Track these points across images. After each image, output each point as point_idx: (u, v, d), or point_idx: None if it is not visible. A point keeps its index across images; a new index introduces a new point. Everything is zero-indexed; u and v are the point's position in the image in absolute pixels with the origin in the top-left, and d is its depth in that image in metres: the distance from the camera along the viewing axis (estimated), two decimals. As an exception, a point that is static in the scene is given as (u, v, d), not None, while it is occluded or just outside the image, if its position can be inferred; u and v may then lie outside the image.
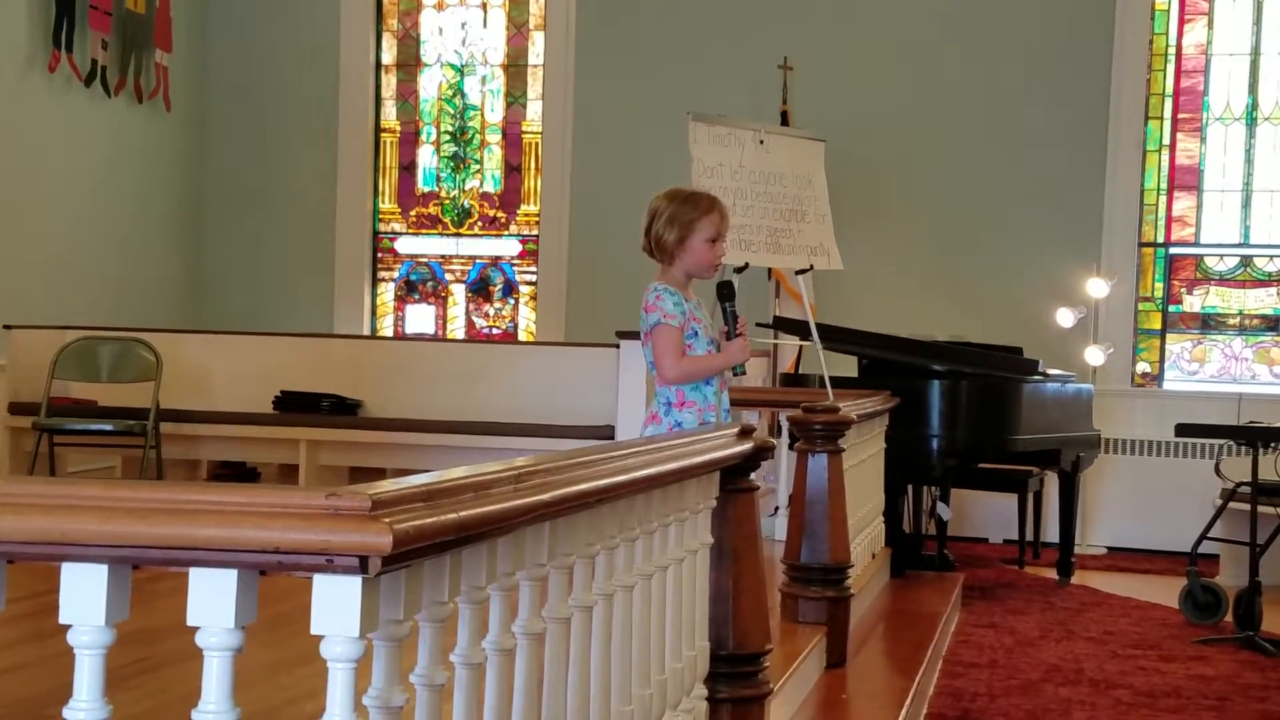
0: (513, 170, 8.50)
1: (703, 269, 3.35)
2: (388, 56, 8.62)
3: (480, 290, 8.56)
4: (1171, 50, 7.71)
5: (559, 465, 1.78)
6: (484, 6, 8.53)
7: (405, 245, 8.63)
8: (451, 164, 8.59)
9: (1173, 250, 7.75)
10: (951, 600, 5.28)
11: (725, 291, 3.37)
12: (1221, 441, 6.62)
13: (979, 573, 6.40)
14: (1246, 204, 7.67)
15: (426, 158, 8.61)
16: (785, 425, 4.96)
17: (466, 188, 8.57)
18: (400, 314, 8.62)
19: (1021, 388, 5.83)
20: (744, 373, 3.45)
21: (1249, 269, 7.70)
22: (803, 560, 3.94)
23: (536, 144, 8.41)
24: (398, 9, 8.60)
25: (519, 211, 8.50)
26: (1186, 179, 7.73)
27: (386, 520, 1.25)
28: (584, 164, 8.18)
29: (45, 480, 1.37)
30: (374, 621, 1.32)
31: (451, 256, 8.59)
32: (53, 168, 7.35)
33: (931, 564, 5.91)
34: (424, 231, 8.60)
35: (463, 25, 8.55)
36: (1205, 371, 7.72)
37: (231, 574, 1.26)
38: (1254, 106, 7.64)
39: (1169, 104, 7.71)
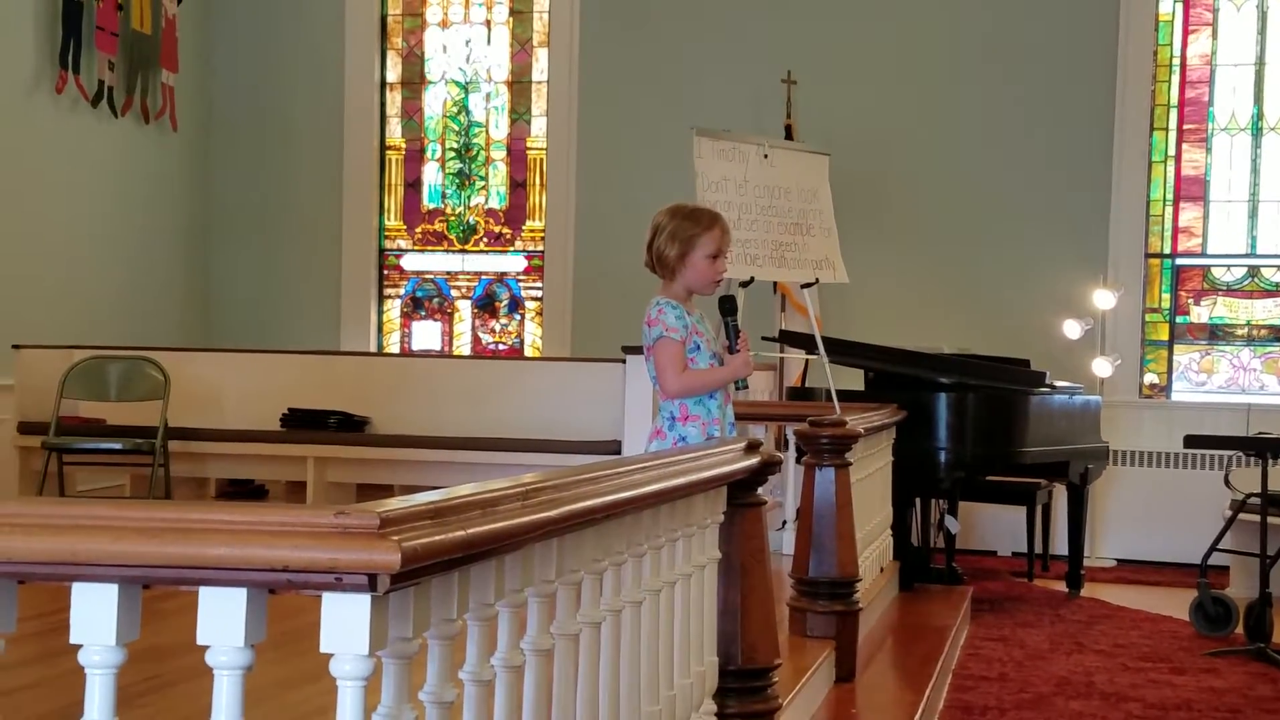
0: (518, 186, 8.52)
1: (703, 284, 3.35)
2: (392, 74, 8.65)
3: (486, 306, 8.57)
4: (1176, 61, 7.72)
5: (566, 481, 1.78)
6: (488, 24, 8.56)
7: (411, 262, 8.65)
8: (456, 181, 8.61)
9: (1179, 261, 7.74)
10: (960, 613, 5.26)
11: (727, 306, 3.38)
12: (1230, 453, 6.60)
13: (988, 585, 6.39)
14: (1253, 214, 7.67)
15: (431, 175, 8.64)
16: (792, 439, 4.95)
17: (472, 204, 8.59)
18: (406, 330, 8.64)
19: (1029, 400, 5.83)
20: (747, 386, 3.45)
21: (1256, 279, 7.69)
22: (811, 574, 3.93)
23: (541, 160, 8.44)
24: (402, 27, 8.64)
25: (524, 227, 8.52)
26: (1192, 190, 7.73)
27: (395, 538, 1.25)
28: (588, 179, 8.20)
29: (55, 501, 1.38)
30: (383, 639, 1.32)
31: (457, 273, 8.60)
32: (60, 188, 7.38)
33: (940, 577, 5.89)
34: (430, 248, 8.62)
35: (467, 43, 8.59)
36: (1213, 382, 7.70)
37: (241, 593, 1.27)
38: (1259, 116, 7.64)
39: (1174, 115, 7.71)
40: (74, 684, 1.32)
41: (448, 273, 8.60)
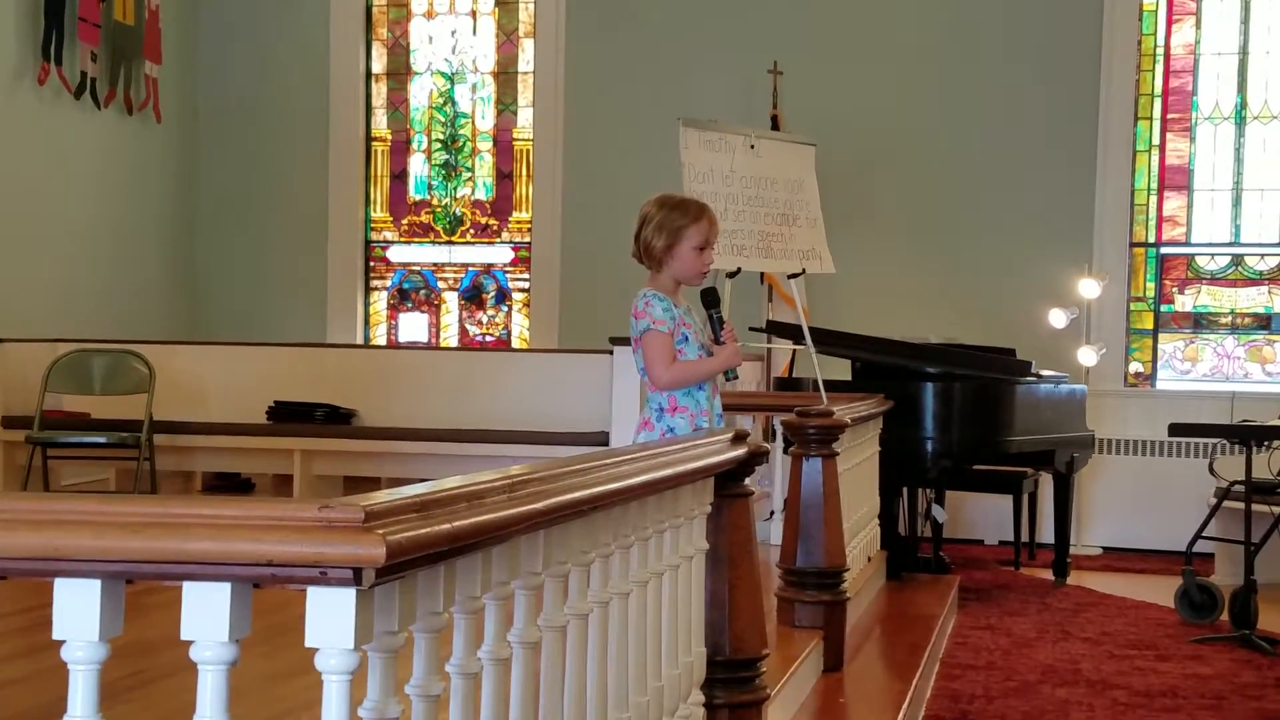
0: (504, 177, 8.50)
1: (690, 276, 3.35)
2: (378, 65, 8.62)
3: (473, 298, 8.55)
4: (1160, 50, 7.73)
5: (553, 474, 1.78)
6: (473, 14, 8.53)
7: (397, 254, 8.62)
8: (443, 172, 8.59)
9: (1164, 250, 7.77)
10: (948, 602, 5.28)
11: (709, 299, 3.38)
12: (1215, 440, 6.63)
13: (975, 574, 6.41)
14: (1237, 203, 7.69)
15: (418, 166, 8.61)
16: (779, 429, 4.95)
17: (458, 195, 8.56)
18: (393, 322, 8.62)
19: (1015, 389, 5.84)
20: (737, 377, 3.45)
21: (1240, 268, 7.72)
22: (798, 564, 3.94)
23: (528, 151, 8.42)
24: (387, 17, 8.60)
25: (511, 219, 8.50)
26: (1176, 179, 7.75)
27: (380, 531, 1.25)
28: (575, 170, 8.19)
29: (37, 496, 1.37)
30: (369, 633, 1.32)
31: (444, 264, 8.58)
32: (43, 180, 7.34)
33: (927, 566, 5.91)
34: (416, 240, 8.60)
35: (452, 33, 8.56)
36: (1198, 371, 7.73)
37: (225, 587, 1.26)
38: (1243, 105, 7.66)
39: (1158, 104, 7.73)
40: (58, 680, 1.32)
41: (434, 264, 8.58)
